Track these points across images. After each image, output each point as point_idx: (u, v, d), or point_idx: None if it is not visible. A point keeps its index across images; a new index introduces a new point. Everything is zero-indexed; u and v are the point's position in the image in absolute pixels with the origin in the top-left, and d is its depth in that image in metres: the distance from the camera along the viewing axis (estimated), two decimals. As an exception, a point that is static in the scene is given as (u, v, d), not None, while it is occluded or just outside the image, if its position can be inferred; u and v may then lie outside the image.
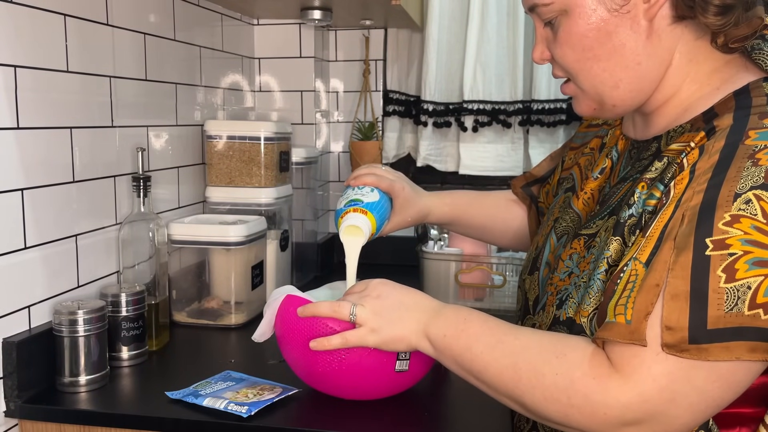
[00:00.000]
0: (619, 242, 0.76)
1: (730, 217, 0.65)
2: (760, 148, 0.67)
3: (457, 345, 0.80)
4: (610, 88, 0.79)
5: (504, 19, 1.80)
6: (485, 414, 0.95)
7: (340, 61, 1.95)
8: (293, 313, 0.94)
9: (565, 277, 0.84)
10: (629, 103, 0.80)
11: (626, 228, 0.76)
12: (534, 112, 1.80)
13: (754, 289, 0.63)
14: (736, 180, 0.66)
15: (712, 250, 0.65)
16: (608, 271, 0.76)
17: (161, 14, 1.35)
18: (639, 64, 0.77)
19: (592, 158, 0.95)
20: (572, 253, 0.85)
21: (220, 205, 1.48)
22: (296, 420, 0.92)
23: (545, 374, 0.72)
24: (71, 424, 0.96)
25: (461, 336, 0.80)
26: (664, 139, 0.80)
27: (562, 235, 0.91)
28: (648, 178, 0.76)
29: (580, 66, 0.79)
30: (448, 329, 0.82)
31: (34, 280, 1.01)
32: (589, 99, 0.81)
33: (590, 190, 0.90)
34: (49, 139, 1.04)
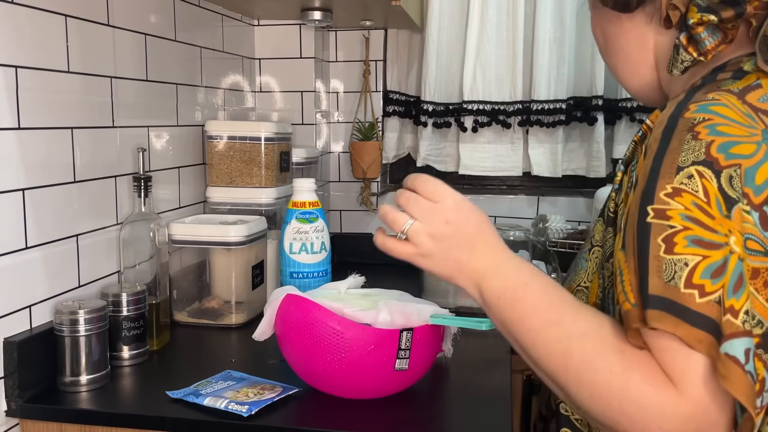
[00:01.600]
0: (600, 223, 0.81)
1: (672, 189, 0.65)
2: (698, 121, 0.67)
3: (510, 312, 0.74)
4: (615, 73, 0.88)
5: (504, 19, 1.81)
6: (485, 414, 0.95)
7: (341, 62, 1.95)
8: (293, 312, 0.95)
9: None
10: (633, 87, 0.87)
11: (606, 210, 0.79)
12: (533, 113, 1.81)
13: (691, 268, 0.62)
14: (677, 152, 0.66)
15: (653, 218, 0.64)
16: (590, 250, 0.81)
17: (162, 15, 1.35)
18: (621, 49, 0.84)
19: None
20: None
21: (220, 205, 1.48)
22: (296, 419, 0.92)
23: (598, 370, 0.66)
24: (72, 423, 0.96)
25: (516, 305, 0.73)
26: None
27: None
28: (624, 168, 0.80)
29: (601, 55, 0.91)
30: (504, 292, 0.74)
31: (35, 280, 1.02)
32: None
33: None
34: (50, 139, 1.04)
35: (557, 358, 0.69)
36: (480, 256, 0.76)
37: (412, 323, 0.94)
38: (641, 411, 0.63)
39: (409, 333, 0.93)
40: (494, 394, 1.01)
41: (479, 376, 1.10)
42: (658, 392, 0.62)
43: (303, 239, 1.27)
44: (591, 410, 0.67)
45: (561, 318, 0.71)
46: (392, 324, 0.93)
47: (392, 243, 0.78)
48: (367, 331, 0.92)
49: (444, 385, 1.07)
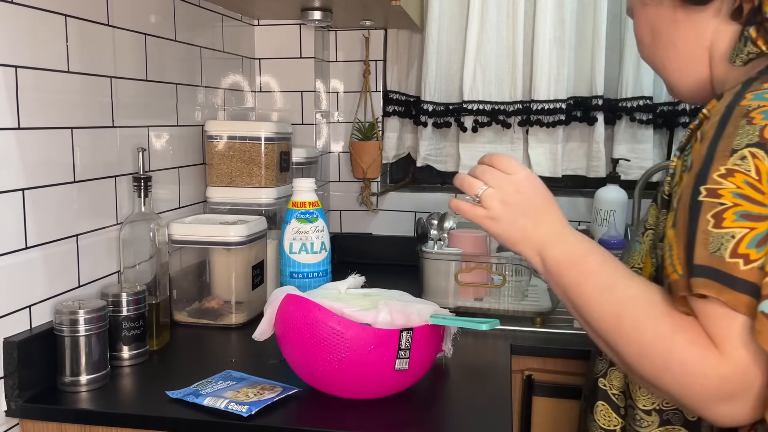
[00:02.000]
0: (654, 207, 0.86)
1: (725, 170, 0.68)
2: (753, 108, 0.70)
3: (568, 277, 0.80)
4: (660, 69, 0.88)
5: (504, 19, 1.81)
6: (485, 414, 0.95)
7: (340, 62, 1.95)
8: (293, 312, 0.95)
9: None
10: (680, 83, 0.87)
11: (659, 194, 0.84)
12: (533, 113, 1.81)
13: (738, 240, 0.66)
14: (732, 137, 0.69)
15: (705, 197, 0.69)
16: (644, 233, 0.86)
17: (162, 15, 1.35)
18: (674, 45, 0.84)
19: None
20: None
21: (220, 205, 1.48)
22: (296, 419, 0.92)
23: (645, 331, 0.71)
24: (72, 423, 0.96)
25: (574, 270, 0.79)
26: None
27: None
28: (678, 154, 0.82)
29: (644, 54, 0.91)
30: (564, 258, 0.81)
31: (35, 280, 1.01)
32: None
33: None
34: (50, 139, 1.04)
35: (609, 319, 0.75)
36: (544, 225, 0.83)
37: (412, 323, 0.94)
38: (684, 369, 0.68)
39: (409, 333, 0.93)
40: (494, 394, 1.01)
41: (479, 376, 1.10)
42: (701, 353, 0.67)
43: (303, 239, 1.28)
44: (638, 368, 0.73)
45: (614, 284, 0.77)
46: (392, 324, 0.93)
47: (465, 205, 0.85)
48: (367, 331, 0.92)
49: (444, 385, 1.07)
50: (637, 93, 1.75)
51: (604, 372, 0.91)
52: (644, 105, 1.75)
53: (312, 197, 1.31)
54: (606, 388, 0.90)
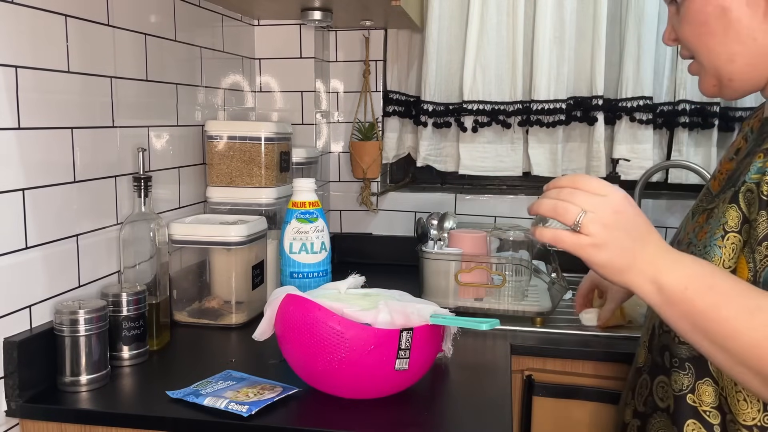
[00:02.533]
0: (735, 209, 0.80)
1: None
2: None
3: (701, 302, 0.70)
4: (725, 62, 0.82)
5: (504, 19, 1.81)
6: (485, 414, 0.95)
7: (341, 62, 1.95)
8: (293, 312, 0.95)
9: (685, 247, 0.87)
10: (746, 78, 0.83)
11: (741, 194, 0.80)
12: (533, 113, 1.81)
13: None
14: None
15: None
16: (724, 236, 0.80)
17: (162, 15, 1.35)
18: (755, 40, 0.80)
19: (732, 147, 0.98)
20: (696, 227, 0.88)
21: (220, 205, 1.48)
22: (296, 419, 0.92)
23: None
24: (72, 423, 0.96)
25: (708, 293, 0.70)
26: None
27: (695, 213, 0.94)
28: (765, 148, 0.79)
29: (698, 41, 0.84)
30: (692, 282, 0.71)
31: (35, 280, 1.02)
32: (709, 75, 0.85)
33: (725, 170, 0.93)
34: (50, 139, 1.04)
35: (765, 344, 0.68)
36: (654, 247, 0.74)
37: (412, 323, 0.94)
38: None
39: (409, 333, 0.93)
40: (494, 394, 1.01)
41: (479, 376, 1.10)
42: None
43: (303, 239, 1.28)
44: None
45: (762, 303, 0.69)
46: (392, 324, 0.93)
47: (565, 234, 0.74)
48: (367, 331, 0.92)
49: (444, 385, 1.07)
50: (637, 93, 1.75)
51: (692, 387, 0.84)
52: (644, 105, 1.75)
53: (312, 197, 1.31)
54: (696, 404, 0.84)
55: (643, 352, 0.96)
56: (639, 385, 0.96)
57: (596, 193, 0.74)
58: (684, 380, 0.85)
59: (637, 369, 0.98)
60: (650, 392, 0.92)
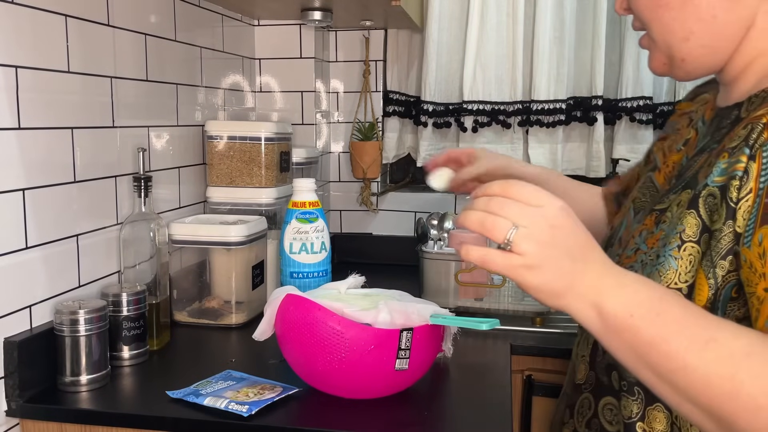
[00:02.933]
0: (694, 215, 0.71)
1: None
2: None
3: (649, 332, 0.62)
4: (679, 39, 0.75)
5: (504, 19, 1.81)
6: (485, 414, 0.95)
7: (341, 62, 1.95)
8: (293, 312, 0.95)
9: (632, 253, 0.78)
10: (700, 59, 0.76)
11: (701, 199, 0.71)
12: (533, 113, 1.81)
13: None
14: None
15: None
16: (681, 246, 0.70)
17: (162, 15, 1.35)
18: (714, 18, 0.73)
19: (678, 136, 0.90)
20: (643, 229, 0.79)
21: (220, 205, 1.48)
22: (296, 419, 0.92)
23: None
24: (72, 423, 0.96)
25: (656, 321, 0.62)
26: (745, 106, 0.76)
27: (638, 210, 0.86)
28: (730, 147, 0.70)
29: (652, 14, 0.77)
30: (639, 307, 0.62)
31: (35, 280, 1.02)
32: (659, 52, 0.79)
33: (672, 162, 0.85)
34: (50, 139, 1.04)
35: (721, 383, 0.59)
36: (595, 267, 0.65)
37: (412, 323, 0.94)
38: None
39: (409, 333, 0.93)
40: (494, 394, 1.01)
41: (479, 376, 1.10)
42: None
43: (303, 239, 1.28)
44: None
45: (716, 335, 0.61)
46: (392, 324, 0.93)
47: (495, 254, 0.64)
48: (367, 331, 0.92)
49: (444, 385, 1.07)
50: (637, 93, 1.76)
51: (641, 414, 0.76)
52: (644, 105, 1.75)
53: (312, 197, 1.31)
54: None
55: (582, 368, 0.87)
56: (579, 403, 0.87)
57: (529, 204, 0.64)
58: (633, 407, 0.76)
59: (576, 385, 0.88)
60: (595, 413, 0.83)
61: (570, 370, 0.94)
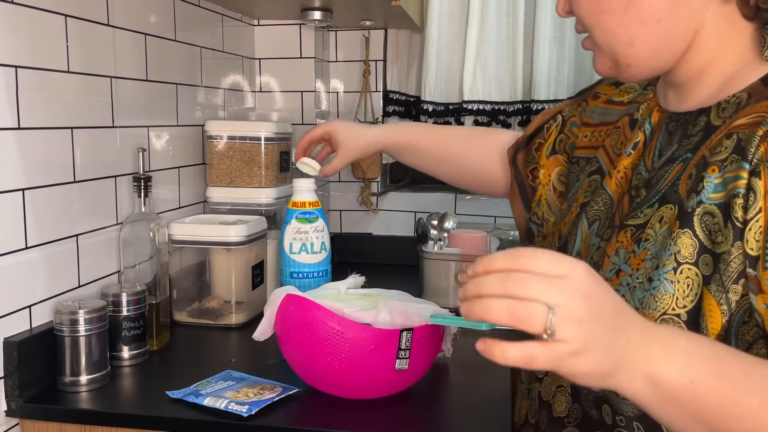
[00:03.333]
0: (689, 235, 0.67)
1: None
2: None
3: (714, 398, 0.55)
4: (624, 45, 0.73)
5: (504, 19, 1.81)
6: (485, 414, 0.95)
7: (341, 62, 1.95)
8: (293, 312, 0.95)
9: (612, 276, 0.73)
10: (646, 63, 0.74)
11: (696, 218, 0.67)
12: (533, 113, 1.80)
13: None
14: None
15: None
16: (677, 269, 0.66)
17: (162, 15, 1.35)
18: (659, 22, 0.71)
19: (621, 136, 0.87)
20: (618, 247, 0.74)
21: (220, 205, 1.48)
22: (296, 419, 0.92)
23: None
24: (72, 423, 0.96)
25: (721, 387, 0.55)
26: (715, 112, 0.73)
27: (594, 220, 0.82)
28: (718, 160, 0.67)
29: (594, 19, 0.75)
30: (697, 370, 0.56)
31: (34, 280, 1.01)
32: (604, 57, 0.76)
33: (623, 168, 0.82)
34: (50, 139, 1.04)
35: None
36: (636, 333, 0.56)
37: (412, 323, 0.94)
38: None
39: (409, 333, 0.93)
40: (494, 394, 1.01)
41: (479, 376, 1.10)
42: None
43: (303, 239, 1.28)
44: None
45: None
46: (392, 324, 0.93)
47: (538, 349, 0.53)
48: (367, 331, 0.92)
49: (444, 385, 1.07)
50: (637, 93, 1.75)
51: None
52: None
53: (312, 197, 1.31)
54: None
55: (563, 400, 0.80)
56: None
57: (552, 275, 0.53)
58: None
59: (555, 418, 0.81)
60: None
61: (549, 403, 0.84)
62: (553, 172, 0.99)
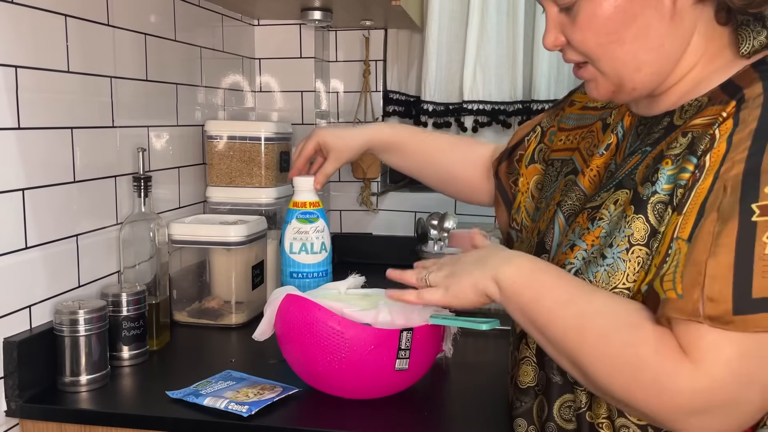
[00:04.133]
0: (642, 220, 0.73)
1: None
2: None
3: (526, 294, 0.77)
4: (632, 71, 0.77)
5: (504, 19, 1.81)
6: (485, 414, 0.95)
7: (341, 62, 1.95)
8: (293, 312, 0.95)
9: (567, 250, 0.80)
10: (649, 86, 0.79)
11: (650, 205, 0.73)
12: (533, 113, 1.80)
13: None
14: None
15: (759, 216, 0.63)
16: (629, 249, 0.74)
17: (162, 15, 1.35)
18: (662, 46, 0.75)
19: (595, 138, 0.92)
20: (576, 227, 0.82)
21: (220, 205, 1.48)
22: (296, 419, 0.92)
23: (613, 343, 0.69)
24: (72, 423, 0.96)
25: (532, 285, 0.77)
26: (678, 114, 0.78)
27: (569, 215, 0.87)
28: (672, 155, 0.73)
29: (603, 50, 0.77)
30: (519, 276, 0.78)
31: (35, 280, 1.01)
32: (608, 83, 0.79)
33: (596, 167, 0.87)
34: (50, 139, 1.04)
35: (573, 334, 0.72)
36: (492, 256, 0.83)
37: (412, 323, 0.94)
38: (653, 381, 0.66)
39: (409, 333, 0.93)
40: (494, 395, 1.01)
41: (479, 376, 1.10)
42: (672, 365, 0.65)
43: (303, 239, 1.28)
44: (607, 385, 0.70)
45: (574, 298, 0.74)
46: (392, 324, 0.93)
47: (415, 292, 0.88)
48: (367, 331, 0.92)
49: (444, 385, 1.07)
50: (637, 93, 1.75)
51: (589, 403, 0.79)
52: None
53: (313, 197, 1.31)
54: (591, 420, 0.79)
55: (529, 370, 0.86)
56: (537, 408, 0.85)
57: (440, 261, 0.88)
58: (582, 397, 0.79)
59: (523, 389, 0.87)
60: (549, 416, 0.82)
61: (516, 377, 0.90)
62: (531, 180, 1.04)
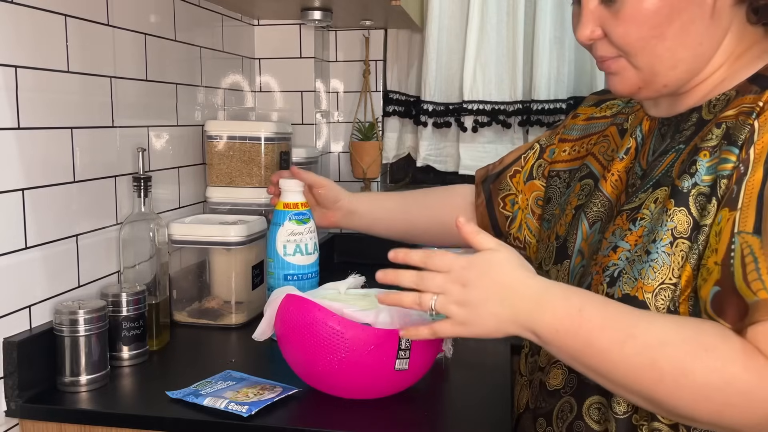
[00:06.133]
0: (684, 213, 0.73)
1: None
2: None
3: (573, 343, 0.71)
4: (668, 68, 0.76)
5: (504, 19, 1.81)
6: (485, 413, 0.95)
7: (340, 62, 1.95)
8: (293, 312, 0.95)
9: (609, 252, 0.79)
10: (678, 84, 0.78)
11: (691, 197, 0.73)
12: (533, 113, 1.81)
13: None
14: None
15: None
16: (673, 243, 0.73)
17: (162, 15, 1.35)
18: (700, 45, 0.75)
19: (611, 143, 0.92)
20: (615, 229, 0.80)
21: (220, 205, 1.48)
22: (296, 419, 0.92)
23: (696, 374, 0.65)
24: (72, 423, 0.96)
25: (577, 332, 0.70)
26: (705, 109, 0.78)
27: (595, 221, 0.86)
28: (709, 146, 0.73)
29: (643, 44, 0.75)
30: (561, 324, 0.71)
31: (34, 280, 1.01)
32: (637, 78, 0.78)
33: (617, 171, 0.87)
34: (50, 139, 1.04)
35: (645, 372, 0.67)
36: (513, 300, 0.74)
37: (413, 323, 0.94)
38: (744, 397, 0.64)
39: (409, 333, 0.93)
40: (494, 394, 1.01)
41: (479, 376, 1.10)
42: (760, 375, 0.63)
43: (297, 240, 1.26)
44: (694, 414, 0.67)
45: (633, 331, 0.69)
46: (392, 324, 0.93)
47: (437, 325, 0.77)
48: (367, 331, 0.92)
49: (444, 385, 1.07)
50: (637, 93, 1.75)
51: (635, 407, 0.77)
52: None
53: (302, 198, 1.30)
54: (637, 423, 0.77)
55: (559, 373, 0.86)
56: (559, 408, 0.85)
57: (440, 271, 0.75)
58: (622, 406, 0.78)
59: (550, 392, 0.87)
60: (579, 416, 0.82)
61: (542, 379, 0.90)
62: (531, 197, 1.05)
